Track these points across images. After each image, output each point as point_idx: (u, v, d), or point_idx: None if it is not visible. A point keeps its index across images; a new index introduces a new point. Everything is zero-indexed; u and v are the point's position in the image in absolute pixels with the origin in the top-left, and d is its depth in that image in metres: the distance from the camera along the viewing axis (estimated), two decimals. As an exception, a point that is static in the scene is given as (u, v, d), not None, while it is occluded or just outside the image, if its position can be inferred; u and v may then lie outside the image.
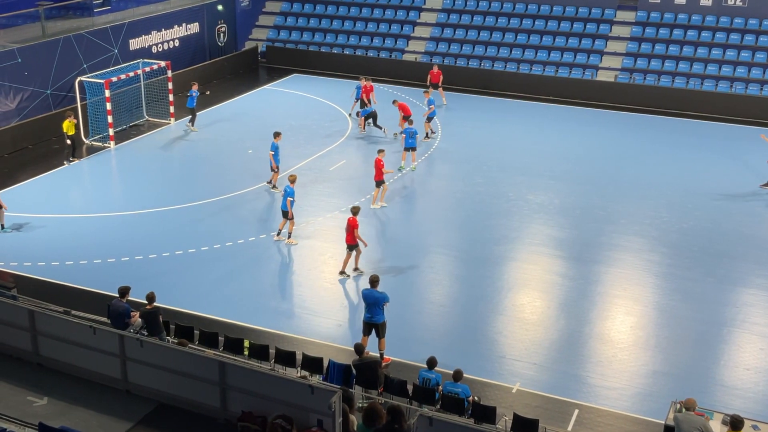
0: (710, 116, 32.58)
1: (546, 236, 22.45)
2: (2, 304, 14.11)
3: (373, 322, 16.19)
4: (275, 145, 24.30)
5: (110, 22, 33.23)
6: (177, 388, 12.65)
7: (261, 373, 12.28)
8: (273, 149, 24.27)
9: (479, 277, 20.18)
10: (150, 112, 31.79)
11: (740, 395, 15.79)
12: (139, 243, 21.41)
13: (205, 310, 18.25)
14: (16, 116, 28.98)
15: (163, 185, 25.63)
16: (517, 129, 31.23)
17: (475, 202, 24.53)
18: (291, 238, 21.58)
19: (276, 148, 24.29)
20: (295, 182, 21.43)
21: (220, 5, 39.04)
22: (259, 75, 38.84)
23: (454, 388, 13.87)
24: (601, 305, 19.18)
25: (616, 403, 15.56)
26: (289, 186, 21.23)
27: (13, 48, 28.89)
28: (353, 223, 19.36)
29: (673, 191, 25.47)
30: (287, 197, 21.06)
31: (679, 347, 17.38)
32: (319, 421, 11.35)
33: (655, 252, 21.55)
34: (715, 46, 34.83)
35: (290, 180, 21.45)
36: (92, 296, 18.68)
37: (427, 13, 39.75)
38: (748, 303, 19.18)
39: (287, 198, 21.05)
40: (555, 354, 17.13)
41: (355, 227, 19.33)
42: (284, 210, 21.30)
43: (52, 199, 24.34)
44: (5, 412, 12.10)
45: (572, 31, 36.97)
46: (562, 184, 25.97)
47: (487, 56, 37.23)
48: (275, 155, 24.32)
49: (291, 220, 21.38)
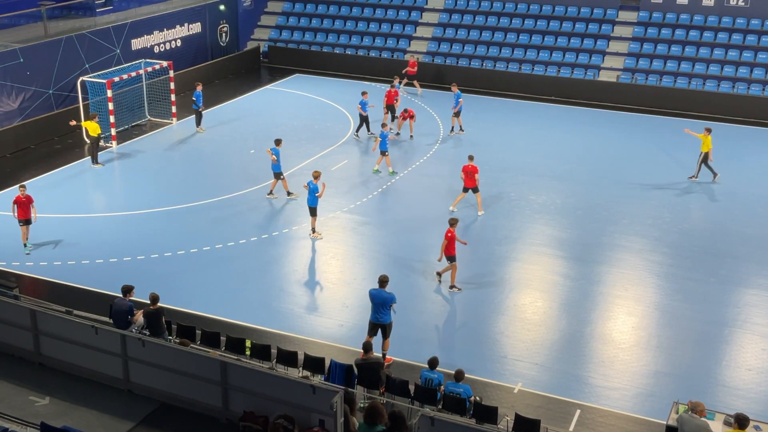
0: (712, 116, 32.55)
1: (548, 236, 22.45)
2: (4, 303, 14.11)
3: (379, 323, 16.19)
4: (277, 151, 24.10)
5: (112, 22, 33.26)
6: (179, 387, 12.65)
7: (263, 373, 12.28)
8: (275, 153, 24.06)
9: (481, 277, 20.17)
10: (152, 112, 31.82)
11: (742, 396, 15.78)
12: (141, 243, 21.42)
13: (206, 309, 18.26)
14: (18, 116, 29.01)
15: (165, 185, 25.64)
16: (519, 129, 31.22)
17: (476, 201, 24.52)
18: (316, 232, 21.87)
19: (277, 153, 24.06)
20: (319, 178, 21.66)
21: (222, 5, 39.05)
22: (261, 75, 38.88)
23: (455, 388, 13.87)
24: (602, 305, 19.18)
25: (617, 403, 15.56)
26: (312, 181, 21.51)
27: (16, 48, 28.91)
28: (451, 234, 18.90)
29: (674, 191, 25.46)
30: (313, 192, 21.37)
31: (681, 348, 17.37)
32: (320, 421, 11.35)
33: (657, 252, 21.54)
34: (717, 47, 34.81)
35: (314, 176, 21.69)
36: (94, 296, 18.70)
37: (428, 13, 39.76)
38: (750, 303, 19.16)
39: (314, 193, 21.37)
40: (557, 354, 17.12)
41: (452, 239, 18.92)
42: (311, 206, 21.56)
43: (54, 199, 24.34)
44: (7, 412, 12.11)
45: (574, 31, 36.96)
46: (564, 184, 25.97)
47: (489, 56, 37.23)
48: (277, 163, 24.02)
49: (313, 216, 21.73)
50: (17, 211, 20.47)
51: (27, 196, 20.54)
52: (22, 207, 20.43)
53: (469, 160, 23.55)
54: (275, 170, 24.03)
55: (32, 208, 20.60)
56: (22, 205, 20.43)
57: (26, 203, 20.48)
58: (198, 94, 29.76)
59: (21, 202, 20.44)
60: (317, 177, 21.62)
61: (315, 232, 21.84)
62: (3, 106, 28.47)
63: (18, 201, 20.45)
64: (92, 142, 26.77)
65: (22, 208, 20.44)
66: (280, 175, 24.12)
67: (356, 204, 24.19)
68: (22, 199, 20.46)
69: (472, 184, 23.34)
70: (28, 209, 20.53)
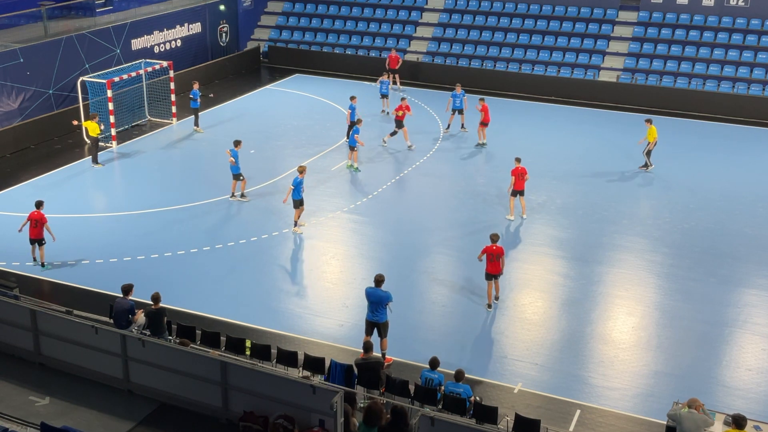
0: (712, 116, 32.56)
1: (548, 236, 22.45)
2: (4, 303, 14.11)
3: (376, 322, 16.19)
4: (236, 152, 23.74)
5: (112, 22, 33.27)
6: (179, 388, 12.65)
7: (263, 373, 12.27)
8: (234, 155, 23.64)
9: (481, 277, 20.15)
10: (152, 112, 31.81)
11: (742, 396, 15.78)
12: (141, 243, 21.42)
13: (206, 309, 18.27)
14: (18, 116, 29.01)
15: (165, 185, 25.64)
16: (519, 129, 31.21)
17: (477, 202, 24.53)
18: (297, 226, 21.97)
19: (236, 155, 23.70)
20: (304, 173, 21.88)
21: (222, 5, 39.06)
22: (261, 75, 38.87)
23: (455, 388, 13.86)
24: (602, 305, 19.17)
25: (617, 403, 15.55)
26: (298, 177, 21.69)
27: (16, 48, 28.91)
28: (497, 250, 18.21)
29: (675, 191, 25.47)
30: (298, 187, 21.57)
31: (681, 348, 17.37)
32: (320, 421, 11.35)
33: (657, 252, 21.54)
34: (717, 47, 34.81)
35: (299, 170, 21.91)
36: (94, 296, 18.70)
37: (429, 14, 39.76)
38: (750, 303, 19.16)
39: (299, 187, 21.58)
40: (557, 354, 17.12)
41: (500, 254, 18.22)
42: (296, 199, 21.71)
43: (54, 199, 24.32)
44: (7, 412, 12.10)
45: (574, 31, 36.97)
46: (564, 184, 25.96)
47: (489, 56, 37.23)
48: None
49: (296, 209, 21.88)
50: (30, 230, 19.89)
51: (40, 214, 19.88)
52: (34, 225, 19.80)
53: (516, 162, 23.04)
54: (234, 171, 23.86)
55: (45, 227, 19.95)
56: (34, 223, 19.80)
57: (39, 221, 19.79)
58: (195, 92, 29.75)
59: (33, 219, 19.82)
60: (302, 172, 21.87)
61: (296, 226, 21.91)
62: (3, 106, 28.47)
63: (31, 218, 19.84)
64: (92, 142, 26.78)
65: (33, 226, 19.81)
66: (239, 176, 23.94)
67: (356, 204, 24.19)
68: (35, 217, 19.84)
69: (520, 186, 22.86)
70: (40, 229, 19.85)
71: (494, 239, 18.34)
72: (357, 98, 28.81)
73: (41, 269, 20.06)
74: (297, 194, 21.72)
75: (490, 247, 18.23)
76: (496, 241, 18.30)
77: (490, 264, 18.28)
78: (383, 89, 32.33)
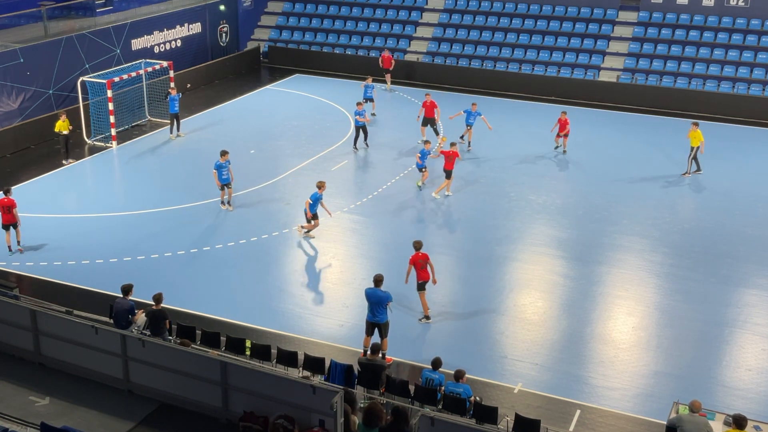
0: (712, 117, 32.54)
1: (548, 236, 22.45)
2: (4, 303, 14.11)
3: (376, 322, 16.19)
4: (219, 164, 23.20)
5: (112, 22, 33.27)
6: (179, 388, 12.64)
7: (263, 373, 12.27)
8: (216, 168, 23.17)
9: (481, 277, 20.17)
10: (152, 112, 31.81)
11: (742, 396, 15.79)
12: (141, 243, 21.43)
13: (206, 309, 18.27)
14: (18, 116, 29.01)
15: (165, 185, 25.64)
16: (519, 129, 31.20)
17: (477, 202, 24.53)
18: (309, 232, 22.00)
19: (219, 167, 23.14)
20: (323, 188, 21.67)
21: (222, 5, 39.06)
22: (261, 75, 38.87)
23: (455, 388, 13.86)
24: (602, 306, 19.17)
25: (617, 403, 15.56)
26: (317, 192, 21.55)
27: (16, 48, 28.92)
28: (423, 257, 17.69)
29: (674, 191, 25.47)
30: (314, 201, 21.48)
31: (681, 348, 17.37)
32: (321, 422, 11.34)
33: (657, 252, 21.54)
34: (717, 47, 34.81)
35: (318, 186, 21.70)
36: (94, 296, 18.71)
37: (429, 14, 39.76)
38: (750, 303, 19.16)
39: (317, 202, 21.53)
40: (557, 354, 17.12)
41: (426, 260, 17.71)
42: (311, 213, 21.60)
43: (55, 199, 24.36)
44: (7, 412, 12.09)
45: (574, 31, 36.96)
46: (563, 184, 25.97)
47: (489, 56, 37.23)
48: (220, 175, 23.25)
49: (309, 222, 21.78)
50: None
51: (10, 200, 20.37)
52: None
53: (452, 146, 24.49)
54: (223, 182, 23.38)
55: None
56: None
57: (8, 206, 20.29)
58: (175, 97, 29.08)
59: (4, 206, 20.29)
60: (321, 187, 21.63)
61: (304, 229, 21.91)
62: (3, 106, 28.47)
63: (1, 204, 20.30)
64: (62, 139, 26.73)
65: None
66: (228, 184, 23.45)
67: (356, 204, 24.19)
68: (5, 203, 20.30)
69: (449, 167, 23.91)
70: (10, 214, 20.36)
71: (417, 247, 17.77)
72: (362, 104, 28.78)
73: (20, 254, 20.40)
74: (313, 208, 21.54)
75: (416, 256, 17.72)
76: (419, 249, 17.77)
77: (420, 272, 17.75)
78: (368, 93, 31.71)
